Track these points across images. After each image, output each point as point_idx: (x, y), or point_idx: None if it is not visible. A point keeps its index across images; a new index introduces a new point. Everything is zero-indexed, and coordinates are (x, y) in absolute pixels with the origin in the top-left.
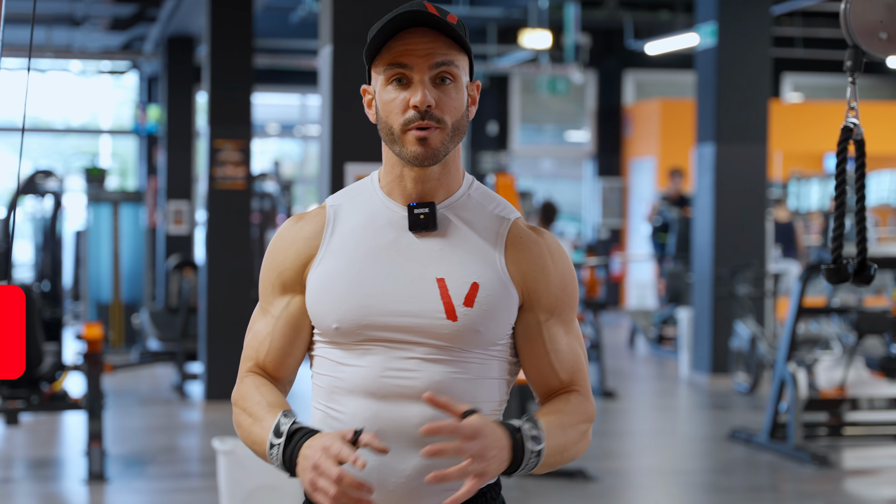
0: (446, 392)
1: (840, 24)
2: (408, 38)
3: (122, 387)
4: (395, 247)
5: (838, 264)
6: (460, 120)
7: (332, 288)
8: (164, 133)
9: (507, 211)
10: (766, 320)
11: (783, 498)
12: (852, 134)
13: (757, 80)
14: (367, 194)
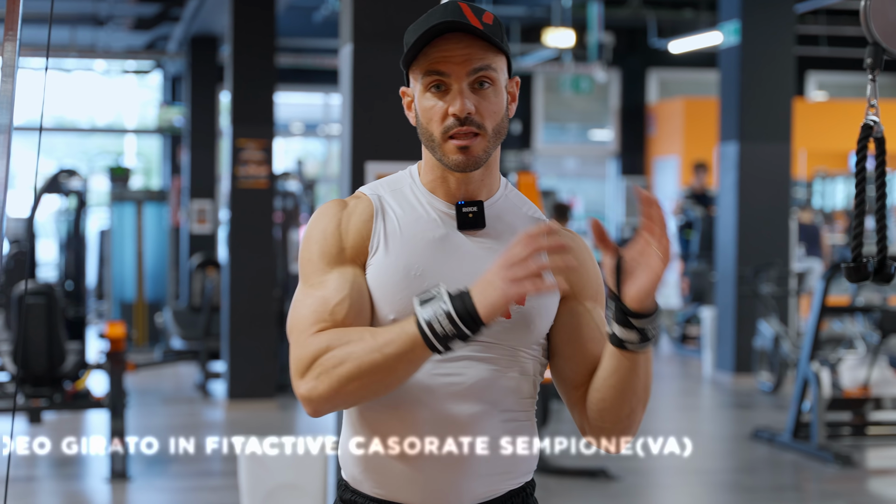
0: (493, 388)
1: (860, 21)
2: (444, 44)
3: (146, 385)
4: (447, 244)
5: (858, 263)
6: (500, 123)
7: (390, 279)
8: (188, 132)
9: (538, 213)
10: (789, 319)
11: (806, 498)
12: (872, 132)
13: (781, 79)
14: (409, 189)
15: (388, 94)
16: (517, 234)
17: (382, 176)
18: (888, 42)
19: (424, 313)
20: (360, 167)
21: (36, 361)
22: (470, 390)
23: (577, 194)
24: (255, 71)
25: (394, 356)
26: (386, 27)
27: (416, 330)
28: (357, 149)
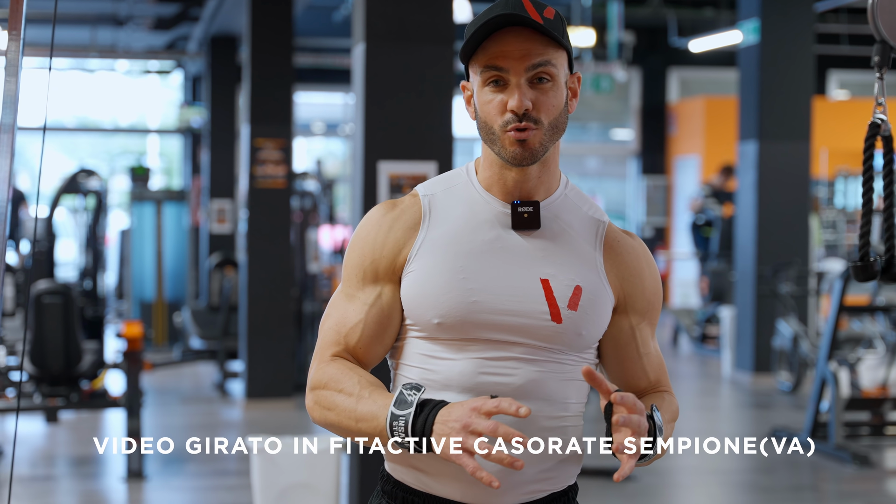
0: (540, 391)
1: (868, 19)
2: (503, 38)
3: (165, 385)
4: (498, 244)
5: (866, 262)
6: (558, 118)
7: (434, 282)
8: (208, 132)
9: (599, 213)
10: (808, 319)
11: (824, 498)
12: (880, 130)
13: (800, 78)
14: (464, 187)
15: (400, 93)
16: (575, 233)
17: (395, 176)
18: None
19: (395, 411)
20: (373, 166)
21: (52, 361)
22: (518, 391)
23: (598, 193)
24: (272, 70)
25: (364, 432)
26: (398, 27)
27: (384, 423)
28: (369, 148)
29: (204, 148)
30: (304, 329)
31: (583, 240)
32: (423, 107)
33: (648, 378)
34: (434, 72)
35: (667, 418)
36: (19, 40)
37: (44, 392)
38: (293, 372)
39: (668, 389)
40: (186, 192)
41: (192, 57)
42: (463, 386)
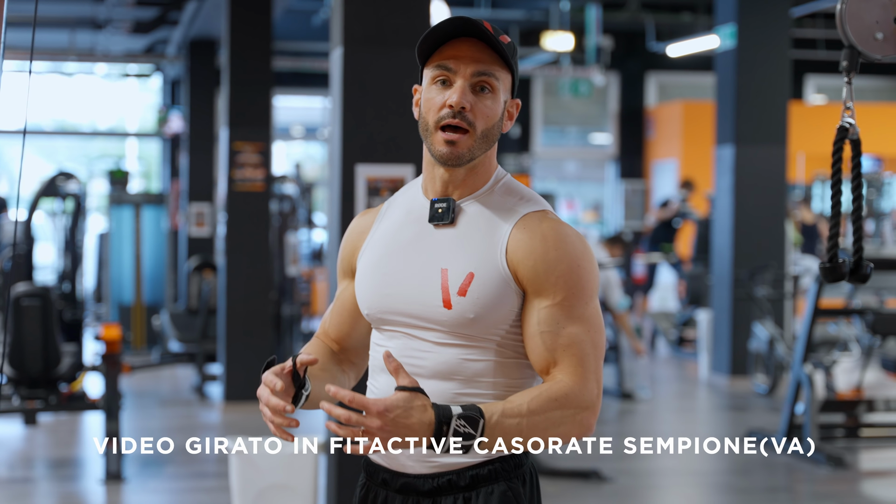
0: (455, 372)
1: (836, 25)
2: (458, 45)
3: (143, 388)
4: (417, 239)
5: (834, 263)
6: (491, 129)
7: (365, 278)
8: (187, 136)
9: (528, 205)
10: (784, 322)
11: (799, 499)
12: (848, 133)
13: (776, 82)
14: (414, 190)
15: (378, 97)
16: (486, 225)
17: (373, 179)
18: (864, 45)
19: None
20: (351, 170)
21: (31, 363)
22: (431, 372)
23: (577, 197)
24: (251, 74)
25: None
26: (376, 31)
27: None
28: (347, 151)
29: (183, 151)
30: (283, 332)
31: (492, 230)
32: (401, 110)
33: (548, 357)
34: (411, 76)
35: (516, 412)
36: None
37: (22, 394)
38: None
39: (567, 374)
40: (165, 196)
41: (170, 61)
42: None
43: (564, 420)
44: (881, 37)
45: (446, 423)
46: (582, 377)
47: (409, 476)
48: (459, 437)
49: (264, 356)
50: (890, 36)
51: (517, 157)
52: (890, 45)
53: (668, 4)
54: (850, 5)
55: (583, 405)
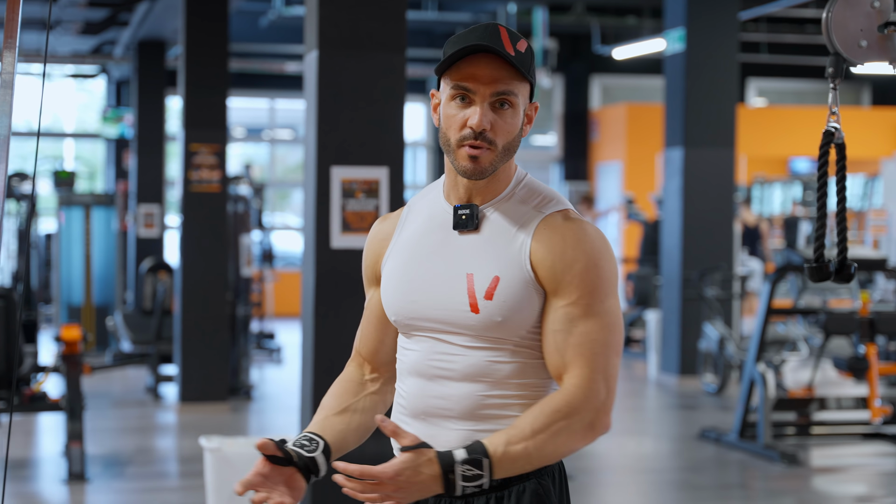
0: (484, 375)
1: (822, 32)
2: (476, 61)
3: (96, 389)
4: (441, 246)
5: (820, 263)
6: (512, 141)
7: (391, 284)
8: (135, 137)
9: (551, 205)
10: (733, 322)
11: (753, 496)
12: (833, 138)
13: (724, 85)
14: (434, 196)
15: (352, 99)
16: (510, 228)
17: (348, 181)
18: (849, 53)
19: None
20: (326, 171)
21: None
22: (460, 375)
23: None
24: (207, 75)
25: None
26: (351, 35)
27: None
28: (322, 154)
29: (131, 152)
30: (238, 333)
31: (516, 234)
32: (376, 113)
33: (561, 359)
34: (386, 79)
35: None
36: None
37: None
38: (227, 375)
39: (575, 377)
40: (114, 197)
41: (117, 62)
42: (420, 372)
43: (572, 428)
44: (865, 44)
45: (451, 472)
46: (589, 378)
47: None
48: (469, 481)
49: (220, 356)
50: (874, 44)
51: None
52: (874, 53)
53: (613, 8)
54: (835, 14)
55: (590, 408)
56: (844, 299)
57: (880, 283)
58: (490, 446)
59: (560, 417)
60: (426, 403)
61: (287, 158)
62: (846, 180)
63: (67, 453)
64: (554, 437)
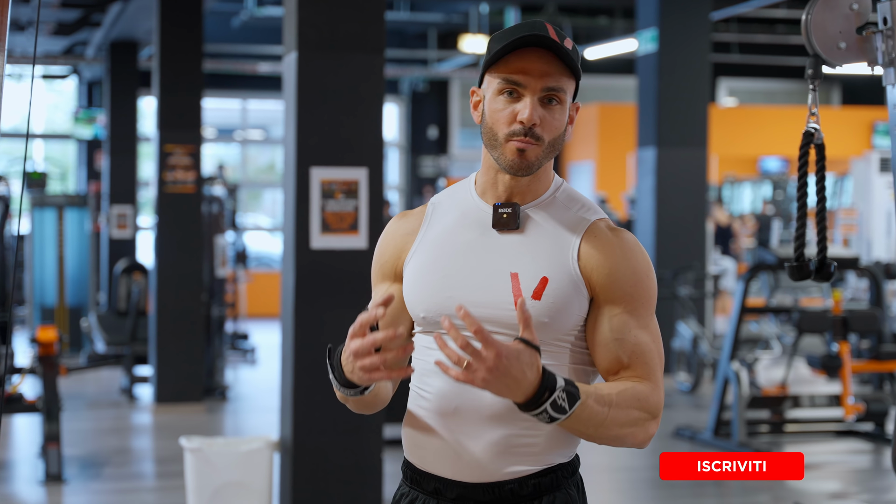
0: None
1: (802, 34)
2: (527, 55)
3: (70, 390)
4: (478, 243)
5: (801, 262)
6: (557, 138)
7: (421, 280)
8: (107, 137)
9: (591, 213)
10: (706, 320)
11: (727, 493)
12: (813, 138)
13: (697, 85)
14: (464, 193)
15: (332, 100)
16: (554, 231)
17: (327, 181)
18: (827, 54)
19: (331, 377)
20: (306, 172)
21: None
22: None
23: None
24: (181, 76)
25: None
26: (330, 36)
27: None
28: (302, 154)
29: (103, 153)
30: (213, 333)
31: (561, 237)
32: (355, 114)
33: (620, 361)
34: (365, 80)
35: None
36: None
37: None
38: (202, 376)
39: (642, 378)
40: (87, 198)
41: (88, 62)
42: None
43: (639, 421)
44: (844, 46)
45: (549, 391)
46: (655, 382)
47: (467, 485)
48: (553, 408)
49: (195, 358)
50: (853, 45)
51: (435, 158)
52: (853, 54)
53: (585, 8)
54: (815, 16)
55: (654, 412)
56: (815, 298)
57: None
58: (582, 391)
59: (638, 405)
60: (457, 404)
61: (258, 159)
62: (826, 180)
63: (44, 454)
64: (625, 418)
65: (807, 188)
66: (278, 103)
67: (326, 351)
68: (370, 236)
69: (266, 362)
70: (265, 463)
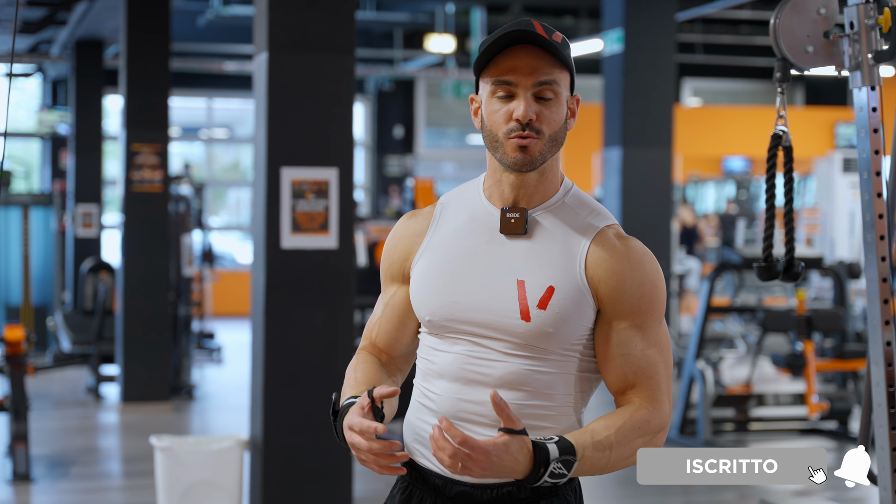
0: (522, 383)
1: (770, 38)
2: (515, 54)
3: (36, 389)
4: (485, 248)
5: (769, 262)
6: (558, 132)
7: (427, 283)
8: (72, 136)
9: (600, 219)
10: (671, 320)
11: (693, 490)
12: (781, 141)
13: (662, 86)
14: (472, 195)
15: (302, 100)
16: (562, 238)
17: (298, 182)
18: (795, 58)
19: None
20: (276, 172)
21: None
22: (499, 382)
23: None
24: (148, 75)
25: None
26: (301, 36)
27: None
28: (272, 154)
29: (68, 152)
30: (179, 332)
31: (569, 244)
32: (325, 114)
33: (626, 379)
34: (335, 80)
35: (604, 444)
36: None
37: None
38: (169, 375)
39: (647, 397)
40: (53, 197)
41: (53, 61)
42: (453, 375)
43: (645, 445)
44: (812, 50)
45: (544, 466)
46: (659, 400)
47: (467, 485)
48: (553, 477)
49: (162, 357)
50: (820, 49)
51: (401, 158)
52: (820, 58)
53: (550, 8)
54: (783, 20)
55: (658, 428)
56: (779, 297)
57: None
58: (578, 448)
59: (639, 434)
60: (459, 407)
61: (223, 158)
62: (793, 182)
63: (12, 454)
64: (630, 451)
65: (775, 190)
66: (244, 102)
67: (332, 402)
68: (341, 236)
69: (232, 361)
70: (236, 462)
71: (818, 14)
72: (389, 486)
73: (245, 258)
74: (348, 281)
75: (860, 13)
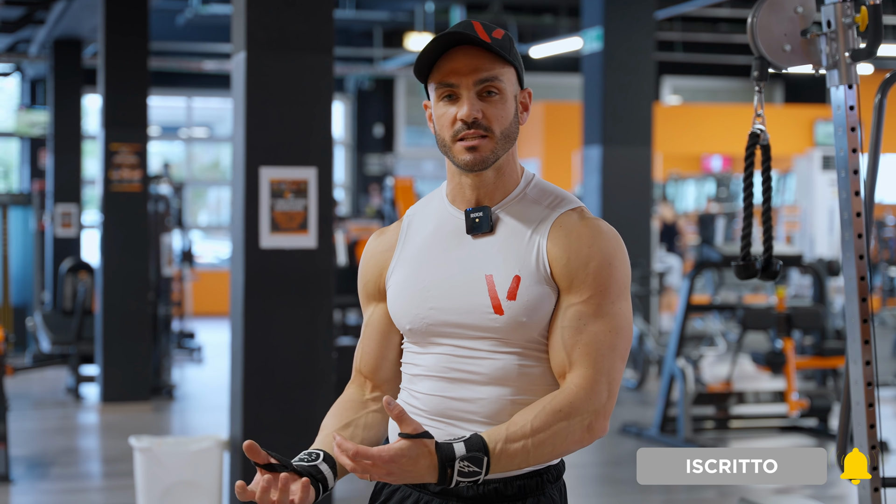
0: (510, 379)
1: (747, 36)
2: (454, 56)
3: (15, 390)
4: (455, 251)
5: (747, 261)
6: (509, 127)
7: (403, 293)
8: (51, 135)
9: (564, 204)
10: (651, 318)
11: (674, 488)
12: (759, 139)
13: (642, 84)
14: (437, 202)
15: (281, 100)
16: (524, 228)
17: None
18: (773, 56)
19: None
20: (255, 172)
21: None
22: (485, 379)
23: None
24: (127, 74)
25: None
26: (279, 36)
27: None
28: (251, 154)
29: (47, 151)
30: (159, 332)
31: (529, 233)
32: (304, 114)
33: (564, 359)
34: (314, 80)
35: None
36: None
37: None
38: (149, 375)
39: (579, 378)
40: (32, 196)
41: (31, 60)
42: (438, 375)
43: (571, 429)
44: (789, 48)
45: (450, 466)
46: (592, 380)
47: None
48: (465, 476)
49: (142, 357)
50: (797, 48)
51: (381, 156)
52: (797, 57)
53: (530, 6)
54: (760, 18)
55: (590, 409)
56: (759, 295)
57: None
58: (490, 443)
59: (561, 418)
60: (446, 405)
61: (202, 157)
62: (771, 181)
63: None
64: (553, 437)
65: (752, 188)
66: (223, 101)
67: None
68: (320, 235)
69: (212, 361)
70: (215, 462)
71: (795, 13)
72: (370, 487)
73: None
74: (327, 280)
75: (837, 12)
